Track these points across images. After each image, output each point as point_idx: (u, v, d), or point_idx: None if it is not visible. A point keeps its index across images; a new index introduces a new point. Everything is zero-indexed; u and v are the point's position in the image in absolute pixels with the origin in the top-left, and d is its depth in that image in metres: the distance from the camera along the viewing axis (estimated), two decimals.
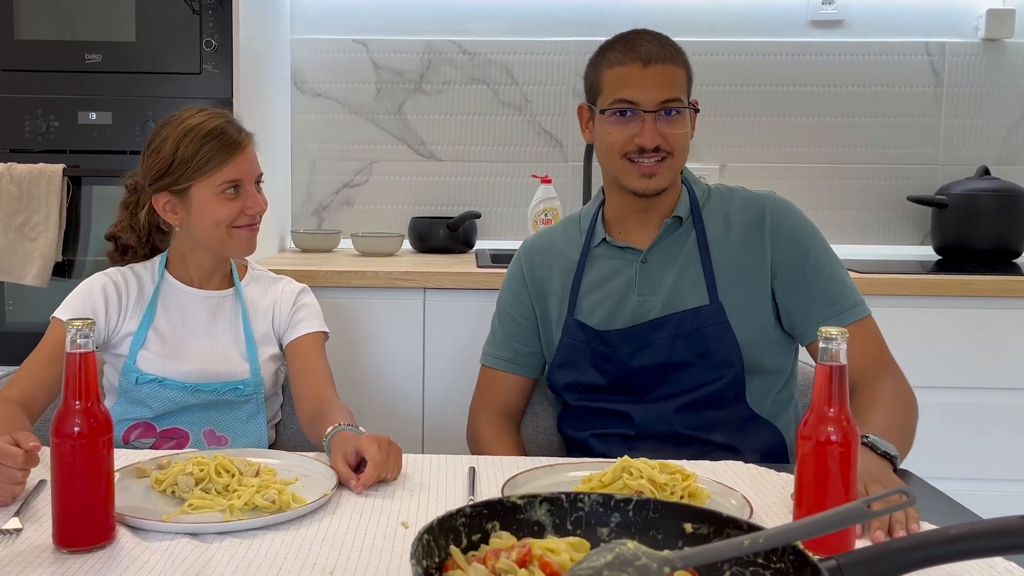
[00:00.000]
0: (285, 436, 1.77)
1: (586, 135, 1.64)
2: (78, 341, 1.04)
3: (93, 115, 2.29)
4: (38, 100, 2.29)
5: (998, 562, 1.04)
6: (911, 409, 1.47)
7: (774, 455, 1.54)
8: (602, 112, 1.55)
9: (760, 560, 0.84)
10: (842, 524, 0.83)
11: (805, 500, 1.06)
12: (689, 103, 1.56)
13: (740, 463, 1.40)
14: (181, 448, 1.60)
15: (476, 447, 1.66)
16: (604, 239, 1.63)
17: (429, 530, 0.84)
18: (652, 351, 1.54)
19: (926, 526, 1.14)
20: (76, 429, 1.04)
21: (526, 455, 1.62)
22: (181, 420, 1.63)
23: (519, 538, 0.90)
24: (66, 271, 2.34)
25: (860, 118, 2.84)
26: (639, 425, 1.55)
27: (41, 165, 2.26)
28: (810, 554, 0.80)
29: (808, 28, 2.82)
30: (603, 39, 2.86)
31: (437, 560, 0.85)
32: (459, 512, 0.88)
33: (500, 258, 2.53)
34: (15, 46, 2.29)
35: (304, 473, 1.29)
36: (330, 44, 2.81)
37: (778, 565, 0.83)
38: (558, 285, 1.65)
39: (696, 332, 1.53)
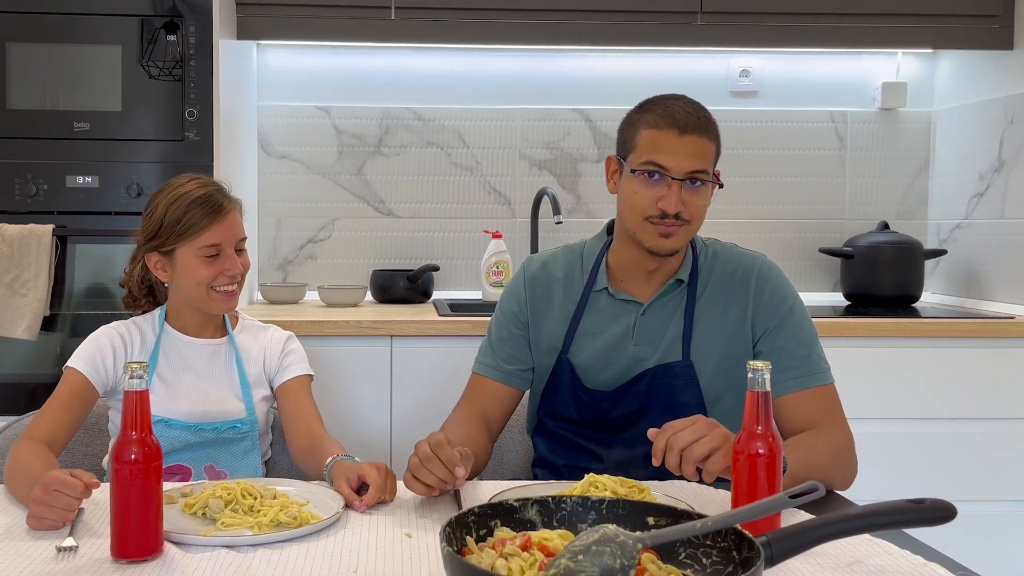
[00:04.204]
0: (275, 472, 1.93)
1: (610, 185, 1.71)
2: (134, 381, 1.23)
3: (80, 179, 2.44)
4: (28, 165, 2.44)
5: (894, 550, 1.27)
6: (837, 457, 1.58)
7: None
8: (632, 171, 1.62)
9: (708, 542, 1.07)
10: (770, 510, 1.07)
11: (740, 501, 1.29)
12: (713, 175, 1.64)
13: (684, 481, 1.62)
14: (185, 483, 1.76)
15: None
16: (606, 288, 1.71)
17: (449, 524, 1.05)
18: (628, 402, 1.67)
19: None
20: (132, 456, 1.21)
21: (486, 462, 1.72)
22: (184, 457, 1.79)
23: (517, 532, 1.11)
24: (51, 325, 2.47)
25: (775, 178, 3.16)
26: (606, 464, 1.67)
27: (32, 226, 2.40)
28: (747, 532, 1.03)
29: (728, 97, 3.14)
30: (546, 107, 3.17)
31: (455, 549, 1.06)
32: (470, 511, 1.10)
33: (458, 307, 2.75)
34: (7, 115, 2.44)
35: (311, 497, 1.47)
36: (295, 110, 3.03)
37: (722, 544, 1.06)
38: (556, 318, 1.73)
39: (665, 385, 1.65)
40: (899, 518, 1.05)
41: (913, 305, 2.93)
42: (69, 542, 1.26)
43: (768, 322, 1.67)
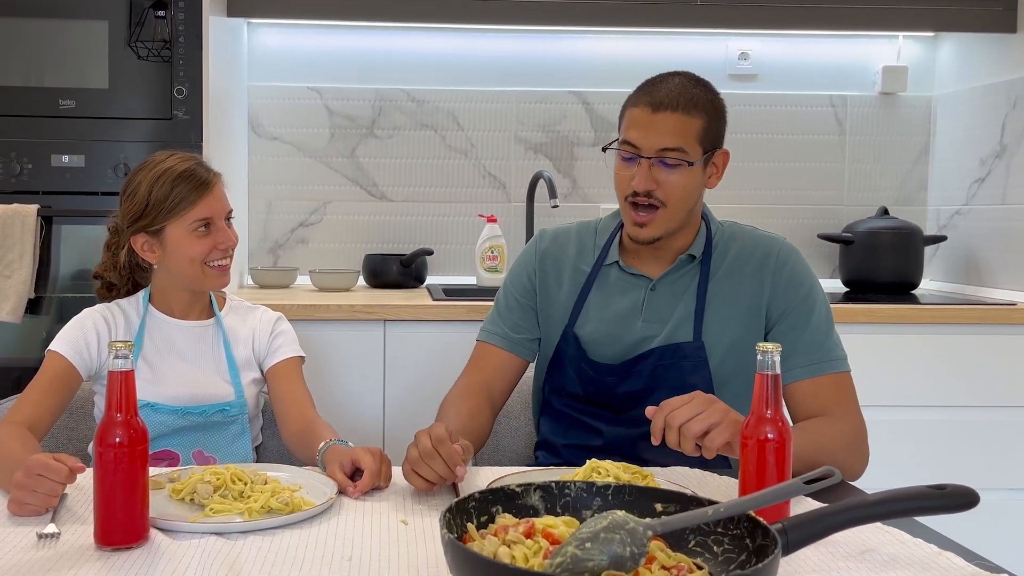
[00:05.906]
0: (265, 458, 1.89)
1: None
2: (119, 361, 1.18)
3: (66, 158, 2.39)
4: (12, 143, 2.38)
5: (907, 538, 1.23)
6: (848, 447, 1.53)
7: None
8: (607, 150, 1.64)
9: (719, 529, 1.03)
10: (784, 496, 1.03)
11: (748, 488, 1.25)
12: (705, 154, 1.58)
13: (687, 468, 1.58)
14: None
15: (442, 413, 1.64)
16: (617, 262, 1.69)
17: (449, 510, 1.00)
18: (633, 380, 1.63)
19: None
20: (117, 439, 1.16)
21: (487, 437, 1.67)
22: (172, 443, 1.74)
23: (520, 519, 1.07)
24: (37, 308, 2.41)
25: (774, 163, 3.12)
26: (607, 440, 1.66)
27: (16, 206, 2.34)
28: (761, 519, 0.99)
29: (726, 81, 3.09)
30: (542, 89, 3.12)
31: (455, 536, 1.01)
32: (470, 497, 1.05)
33: (452, 292, 2.70)
34: None
35: (304, 483, 1.42)
36: (286, 91, 2.97)
37: (735, 531, 1.01)
38: (566, 291, 1.71)
39: (674, 366, 1.62)
40: (920, 504, 1.01)
41: (912, 292, 2.90)
42: (51, 528, 1.21)
43: (784, 306, 1.64)
